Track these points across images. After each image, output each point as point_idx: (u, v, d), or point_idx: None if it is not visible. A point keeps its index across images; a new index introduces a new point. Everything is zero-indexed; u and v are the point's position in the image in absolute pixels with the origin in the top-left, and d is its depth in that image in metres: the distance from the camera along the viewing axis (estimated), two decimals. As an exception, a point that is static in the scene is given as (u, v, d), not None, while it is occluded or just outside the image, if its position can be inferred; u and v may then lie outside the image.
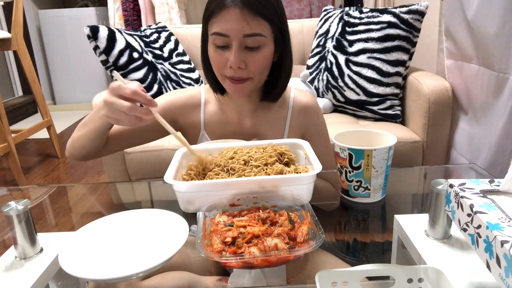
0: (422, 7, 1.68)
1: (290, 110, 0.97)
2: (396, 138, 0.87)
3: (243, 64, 0.82)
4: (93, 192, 1.19)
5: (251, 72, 0.84)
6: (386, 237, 0.86)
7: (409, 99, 1.74)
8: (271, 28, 0.83)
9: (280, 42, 0.87)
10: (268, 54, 0.84)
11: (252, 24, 0.79)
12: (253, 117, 0.97)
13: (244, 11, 0.78)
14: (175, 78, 1.89)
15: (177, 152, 0.78)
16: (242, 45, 0.81)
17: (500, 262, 0.45)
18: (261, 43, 0.82)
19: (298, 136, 0.97)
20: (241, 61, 0.82)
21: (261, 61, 0.84)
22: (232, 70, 0.83)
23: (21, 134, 2.46)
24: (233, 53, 0.81)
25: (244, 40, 0.81)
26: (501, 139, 1.29)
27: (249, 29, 0.79)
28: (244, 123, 0.96)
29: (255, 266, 0.56)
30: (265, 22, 0.81)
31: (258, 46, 0.82)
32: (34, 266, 0.65)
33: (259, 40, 0.81)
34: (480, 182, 0.59)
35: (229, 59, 0.82)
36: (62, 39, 4.04)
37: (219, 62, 0.84)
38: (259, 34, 0.81)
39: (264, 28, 0.81)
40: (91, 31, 1.68)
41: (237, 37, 0.80)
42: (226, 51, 0.83)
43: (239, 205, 0.66)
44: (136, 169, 1.63)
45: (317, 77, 1.95)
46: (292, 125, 0.97)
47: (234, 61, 0.81)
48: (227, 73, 0.84)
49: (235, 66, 0.82)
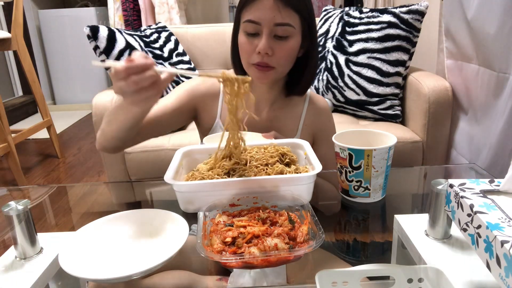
0: (422, 7, 1.68)
1: (305, 109, 1.02)
2: (396, 138, 0.87)
3: (270, 51, 0.86)
4: (93, 192, 1.19)
5: (276, 61, 0.88)
6: (386, 237, 0.86)
7: (409, 99, 1.74)
8: (300, 21, 0.88)
9: (307, 37, 0.92)
10: (295, 45, 0.89)
11: (283, 14, 0.84)
12: (270, 111, 1.00)
13: (277, 1, 0.83)
14: (175, 78, 1.89)
15: (177, 152, 0.78)
16: (272, 33, 0.86)
17: (500, 262, 0.45)
18: (290, 33, 0.87)
19: (309, 135, 1.02)
20: (269, 48, 0.86)
21: (287, 50, 0.88)
22: (259, 56, 0.87)
23: (21, 134, 2.46)
24: (263, 39, 0.85)
25: (274, 29, 0.85)
26: (501, 139, 1.29)
27: (280, 18, 0.84)
28: (261, 116, 0.99)
29: (255, 266, 0.56)
30: (296, 14, 0.86)
31: (287, 36, 0.87)
32: (34, 266, 0.65)
33: (289, 30, 0.86)
34: (480, 182, 0.59)
35: (258, 46, 0.86)
36: (62, 39, 4.04)
37: (248, 48, 0.88)
38: (289, 24, 0.85)
39: (294, 19, 0.86)
40: (91, 31, 1.68)
41: (268, 24, 0.85)
42: (255, 39, 0.87)
43: (239, 205, 0.66)
44: (136, 169, 1.63)
45: (317, 77, 1.95)
46: (305, 124, 1.01)
47: (262, 46, 0.85)
48: (254, 60, 0.88)
49: (263, 52, 0.86)
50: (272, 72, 0.90)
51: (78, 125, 3.66)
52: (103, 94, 1.69)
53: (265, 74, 0.89)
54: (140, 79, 0.62)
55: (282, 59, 0.88)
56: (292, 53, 0.90)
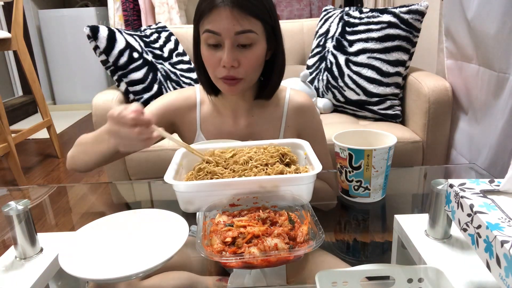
0: (422, 7, 1.68)
1: (285, 110, 0.97)
2: (396, 138, 0.87)
3: (236, 63, 0.82)
4: (93, 192, 1.19)
5: (244, 72, 0.84)
6: (386, 237, 0.86)
7: (409, 99, 1.74)
8: (263, 25, 0.83)
9: (273, 40, 0.88)
10: (260, 51, 0.85)
11: (242, 21, 0.80)
12: (248, 117, 0.97)
13: (234, 10, 0.79)
14: (175, 78, 1.89)
15: (177, 152, 0.78)
16: (234, 43, 0.82)
17: (500, 262, 0.45)
18: (253, 40, 0.82)
19: (294, 136, 0.97)
20: (234, 60, 0.82)
21: (254, 59, 0.84)
22: (225, 69, 0.83)
23: (21, 134, 2.46)
24: (225, 51, 0.81)
25: (236, 38, 0.81)
26: (501, 139, 1.29)
27: (239, 26, 0.80)
28: (240, 123, 0.96)
29: (255, 266, 0.56)
30: (256, 20, 0.82)
31: (251, 43, 0.83)
32: (34, 266, 0.65)
33: (251, 37, 0.82)
34: (480, 182, 0.59)
35: (222, 59, 0.82)
36: (62, 39, 4.04)
37: (213, 62, 0.84)
38: (251, 30, 0.81)
39: (255, 25, 0.82)
40: (91, 31, 1.68)
41: (229, 35, 0.80)
42: (218, 51, 0.83)
43: (239, 205, 0.66)
44: (136, 169, 1.63)
45: (317, 77, 1.95)
46: (288, 125, 0.97)
47: (227, 59, 0.81)
48: (221, 73, 0.84)
49: (228, 65, 0.82)
50: (241, 83, 0.86)
51: (78, 125, 3.66)
52: (103, 94, 1.69)
53: (234, 87, 0.86)
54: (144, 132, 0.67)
55: (249, 68, 0.84)
56: (259, 60, 0.86)
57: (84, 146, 0.88)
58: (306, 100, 0.99)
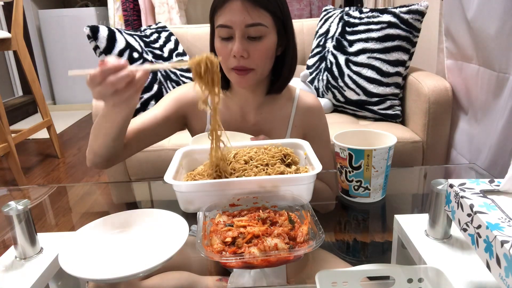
0: (422, 7, 1.68)
1: (294, 109, 0.99)
2: (396, 138, 0.87)
3: (245, 53, 0.85)
4: (93, 192, 1.19)
5: (254, 63, 0.86)
6: (386, 237, 0.86)
7: (409, 99, 1.74)
8: (273, 19, 0.86)
9: (283, 35, 0.90)
10: (270, 44, 0.87)
11: (253, 15, 0.83)
12: (257, 114, 0.98)
13: (245, 3, 0.82)
14: (175, 78, 1.89)
15: (177, 152, 0.78)
16: (244, 35, 0.85)
17: (500, 262, 0.45)
18: (263, 33, 0.85)
19: (299, 135, 0.98)
20: (244, 50, 0.85)
21: (263, 50, 0.86)
22: (235, 60, 0.86)
23: (21, 134, 2.46)
24: (236, 42, 0.84)
25: (247, 30, 0.84)
26: (501, 139, 1.29)
27: (250, 19, 0.83)
28: (248, 119, 0.98)
29: (255, 266, 0.56)
30: (266, 13, 0.85)
31: (260, 36, 0.85)
32: (34, 266, 0.65)
33: (261, 30, 0.85)
34: (480, 182, 0.59)
35: (232, 49, 0.85)
36: (62, 39, 4.04)
37: (224, 53, 0.87)
38: (260, 23, 0.84)
39: (265, 19, 0.85)
40: (91, 31, 1.68)
41: (239, 27, 0.84)
42: (230, 43, 0.86)
43: (239, 205, 0.66)
44: (136, 169, 1.63)
45: (317, 77, 1.95)
46: (295, 125, 0.99)
47: (236, 49, 0.84)
48: (232, 64, 0.87)
49: (238, 55, 0.84)
50: (252, 74, 0.88)
51: (78, 125, 3.66)
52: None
53: (245, 78, 0.88)
54: (116, 79, 0.65)
55: (259, 59, 0.87)
56: (269, 52, 0.88)
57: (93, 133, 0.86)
58: (315, 102, 1.01)
